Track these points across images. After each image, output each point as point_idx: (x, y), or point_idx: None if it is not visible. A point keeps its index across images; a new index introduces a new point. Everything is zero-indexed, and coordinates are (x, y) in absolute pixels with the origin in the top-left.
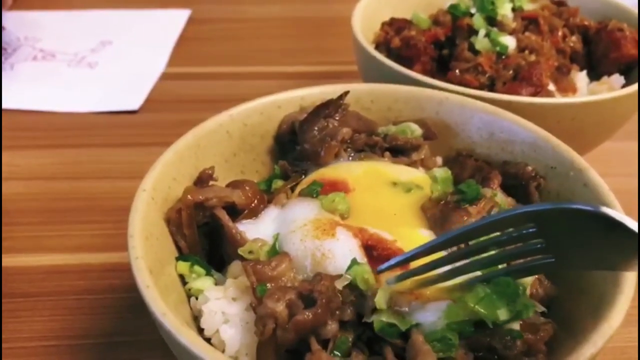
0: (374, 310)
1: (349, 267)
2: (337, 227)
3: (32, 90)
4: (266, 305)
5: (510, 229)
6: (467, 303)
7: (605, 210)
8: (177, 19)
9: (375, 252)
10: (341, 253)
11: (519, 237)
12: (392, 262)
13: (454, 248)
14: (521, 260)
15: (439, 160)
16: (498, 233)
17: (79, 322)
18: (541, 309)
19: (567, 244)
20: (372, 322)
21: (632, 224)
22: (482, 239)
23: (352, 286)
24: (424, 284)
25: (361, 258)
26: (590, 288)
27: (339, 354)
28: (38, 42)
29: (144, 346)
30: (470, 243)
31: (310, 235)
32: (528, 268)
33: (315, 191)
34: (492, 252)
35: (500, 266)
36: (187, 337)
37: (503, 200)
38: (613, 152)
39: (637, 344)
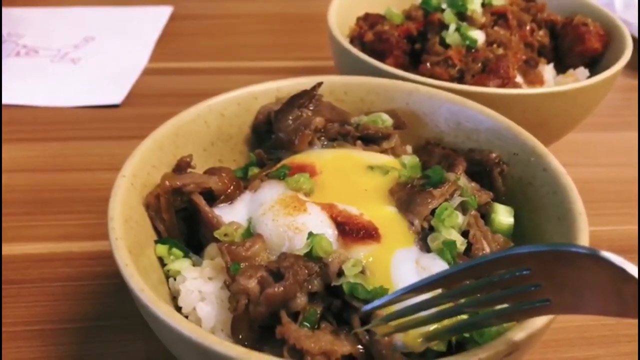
0: (340, 275)
1: (307, 238)
2: (307, 203)
3: (15, 85)
4: (239, 282)
5: (503, 271)
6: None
7: (605, 254)
8: (159, 15)
9: (341, 221)
10: (313, 225)
11: (512, 279)
12: (376, 303)
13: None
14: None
15: (409, 148)
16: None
17: (63, 307)
18: None
19: (563, 287)
20: (341, 287)
21: (632, 269)
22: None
23: (314, 258)
24: (410, 326)
25: (332, 229)
26: None
27: (308, 325)
28: (21, 38)
29: (126, 330)
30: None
31: (281, 214)
32: (522, 312)
33: (282, 173)
34: (483, 294)
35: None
36: (163, 310)
37: (466, 184)
38: (580, 143)
39: (599, 323)
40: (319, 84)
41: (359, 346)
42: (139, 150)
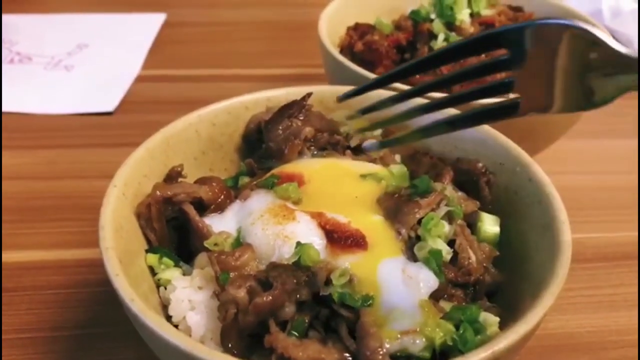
0: (328, 284)
1: (295, 247)
2: (295, 212)
3: (8, 92)
4: (228, 291)
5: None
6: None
7: (578, 22)
8: (152, 22)
9: (329, 229)
10: (302, 233)
11: (488, 66)
12: (354, 90)
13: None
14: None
15: (398, 157)
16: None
17: (55, 315)
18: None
19: (536, 77)
20: (329, 296)
21: (600, 34)
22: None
23: (302, 267)
24: (386, 122)
25: (321, 237)
26: (531, 275)
27: (296, 334)
28: (14, 45)
29: (117, 337)
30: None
31: (270, 223)
32: (493, 113)
33: (271, 183)
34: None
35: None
36: (153, 320)
37: (452, 194)
38: (569, 150)
39: (584, 330)
40: (309, 94)
41: (347, 354)
42: (130, 160)
